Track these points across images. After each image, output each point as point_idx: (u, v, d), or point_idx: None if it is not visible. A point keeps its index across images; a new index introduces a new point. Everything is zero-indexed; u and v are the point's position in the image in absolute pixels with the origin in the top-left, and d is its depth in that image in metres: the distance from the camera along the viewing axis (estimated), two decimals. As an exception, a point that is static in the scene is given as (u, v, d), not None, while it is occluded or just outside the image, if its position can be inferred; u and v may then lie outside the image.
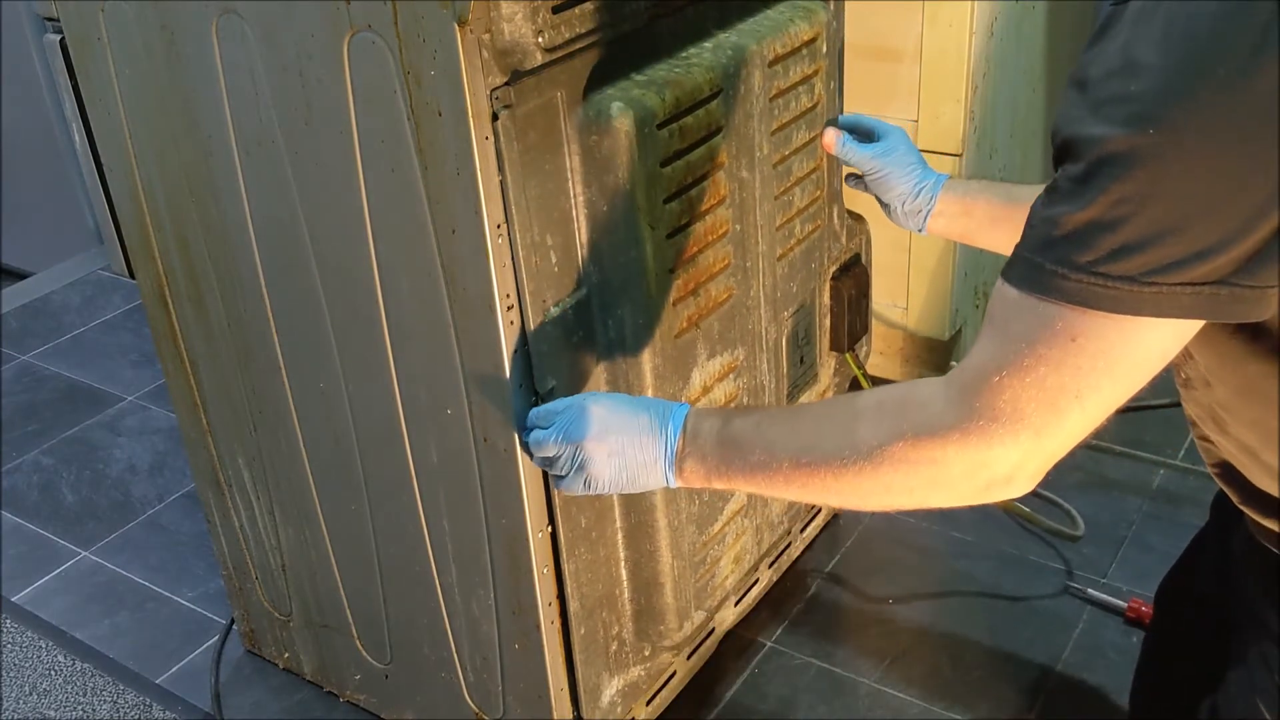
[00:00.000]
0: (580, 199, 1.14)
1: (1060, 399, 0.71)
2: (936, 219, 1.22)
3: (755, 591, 1.66)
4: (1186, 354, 0.81)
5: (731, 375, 1.35)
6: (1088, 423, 0.72)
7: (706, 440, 0.94)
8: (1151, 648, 1.19)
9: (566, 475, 1.01)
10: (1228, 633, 0.94)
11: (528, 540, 1.20)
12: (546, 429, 1.03)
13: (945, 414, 0.77)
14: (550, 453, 1.02)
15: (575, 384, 1.19)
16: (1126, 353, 0.68)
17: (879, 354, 2.05)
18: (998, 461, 0.76)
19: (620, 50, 1.13)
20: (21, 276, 2.90)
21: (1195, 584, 1.08)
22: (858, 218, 1.57)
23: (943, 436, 0.77)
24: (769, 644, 1.62)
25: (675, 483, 0.97)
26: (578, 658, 1.29)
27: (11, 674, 1.66)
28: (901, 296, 1.98)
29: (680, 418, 0.96)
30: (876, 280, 1.65)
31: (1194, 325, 0.68)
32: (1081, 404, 0.71)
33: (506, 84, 1.03)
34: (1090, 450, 1.93)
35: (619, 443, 0.97)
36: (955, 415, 0.76)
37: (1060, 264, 0.66)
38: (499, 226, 1.06)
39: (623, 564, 1.32)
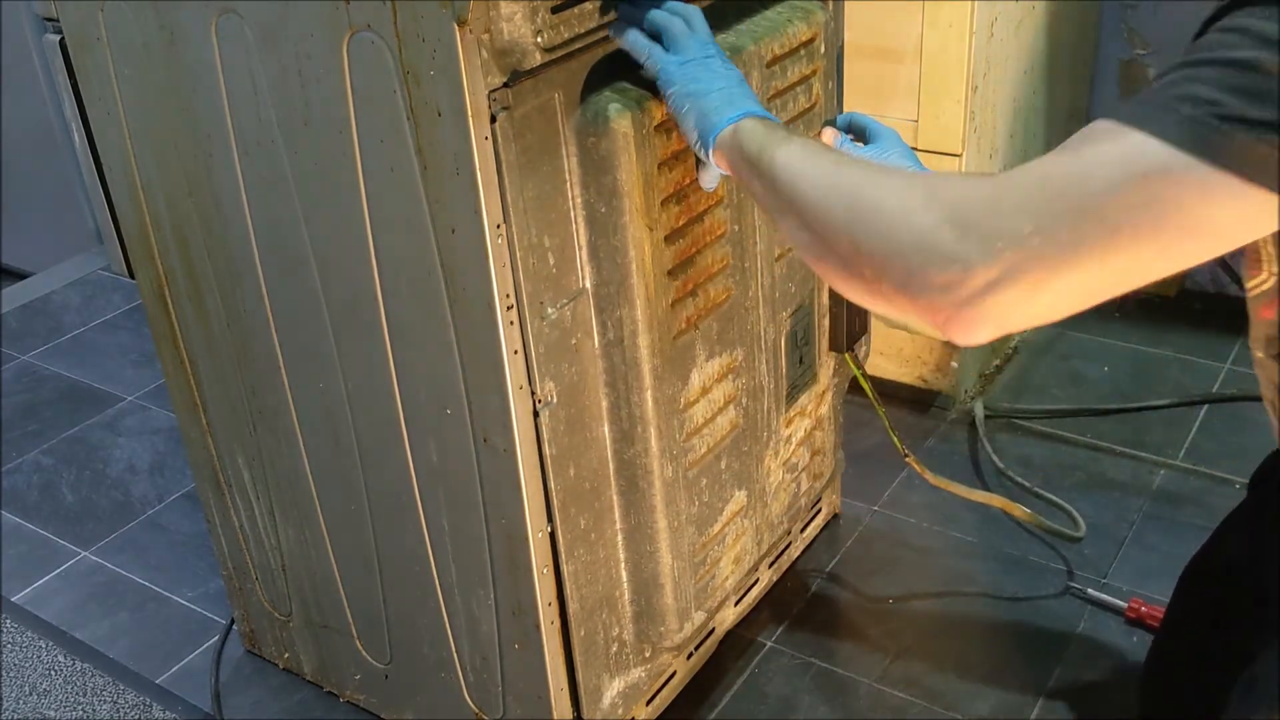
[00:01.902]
0: (578, 200, 1.14)
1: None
2: None
3: (755, 592, 1.66)
4: None
5: (730, 376, 1.36)
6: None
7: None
8: (1173, 626, 1.18)
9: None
10: (1261, 606, 0.94)
11: (528, 540, 1.20)
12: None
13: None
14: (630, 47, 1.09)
15: (574, 385, 1.19)
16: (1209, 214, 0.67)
17: (878, 354, 2.05)
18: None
19: (619, 51, 1.13)
20: (21, 276, 2.90)
21: (1225, 559, 1.08)
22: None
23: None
24: (769, 644, 1.62)
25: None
26: (578, 658, 1.29)
27: (11, 674, 1.66)
28: (901, 296, 1.98)
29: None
30: (876, 280, 1.65)
31: None
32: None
33: (505, 85, 1.03)
34: (1090, 450, 1.93)
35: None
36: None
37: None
38: (498, 226, 1.06)
39: (622, 565, 1.32)
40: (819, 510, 1.78)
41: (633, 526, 1.30)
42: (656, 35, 1.09)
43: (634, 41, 1.09)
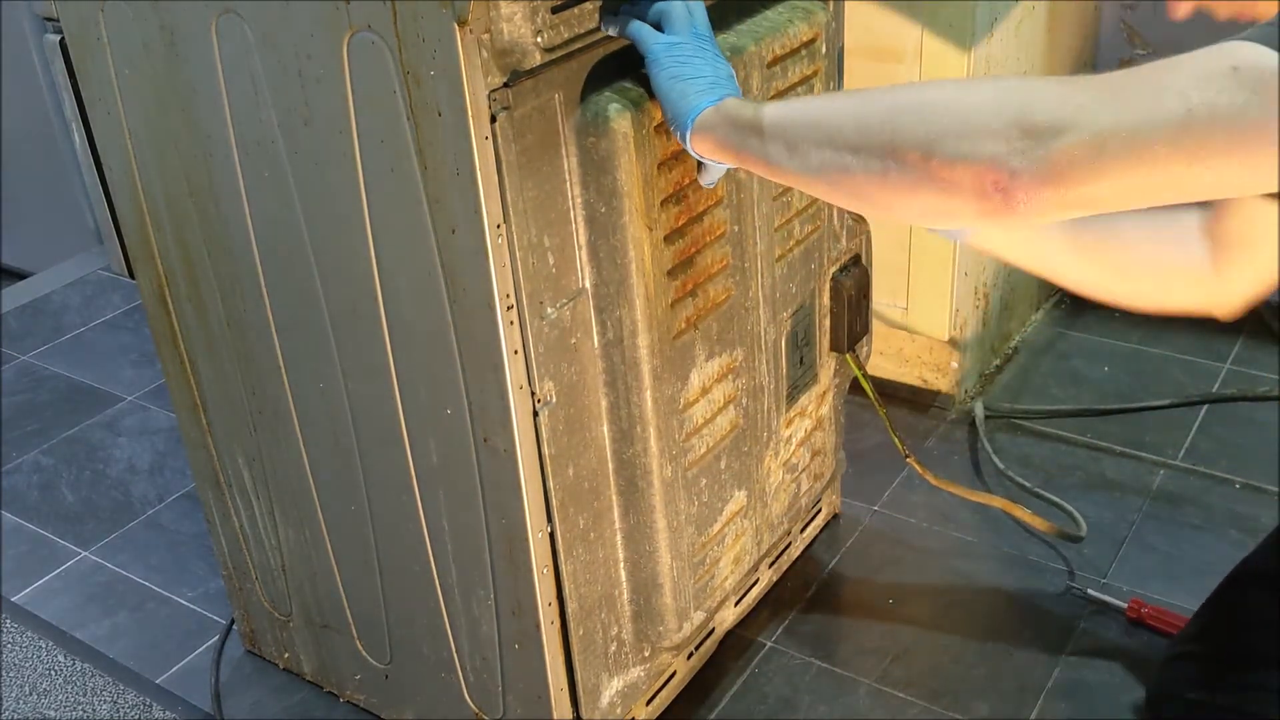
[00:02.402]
0: (578, 200, 1.14)
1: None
2: None
3: (755, 592, 1.66)
4: None
5: (730, 376, 1.36)
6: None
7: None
8: (1211, 631, 1.19)
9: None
10: None
11: (528, 540, 1.20)
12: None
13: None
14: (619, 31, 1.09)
15: (574, 385, 1.19)
16: None
17: (879, 354, 2.05)
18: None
19: (618, 52, 1.13)
20: (21, 276, 2.90)
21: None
22: (858, 218, 1.57)
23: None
24: (769, 644, 1.62)
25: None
26: (576, 658, 1.29)
27: (11, 674, 1.66)
28: (901, 296, 1.98)
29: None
30: (876, 280, 1.65)
31: None
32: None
33: (505, 85, 1.03)
34: (1090, 450, 1.93)
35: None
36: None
37: None
38: (498, 226, 1.06)
39: (621, 565, 1.32)
40: (819, 510, 1.78)
41: (632, 526, 1.30)
42: (658, 27, 1.09)
43: (629, 25, 1.09)
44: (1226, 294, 1.04)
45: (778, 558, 1.70)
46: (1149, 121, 0.72)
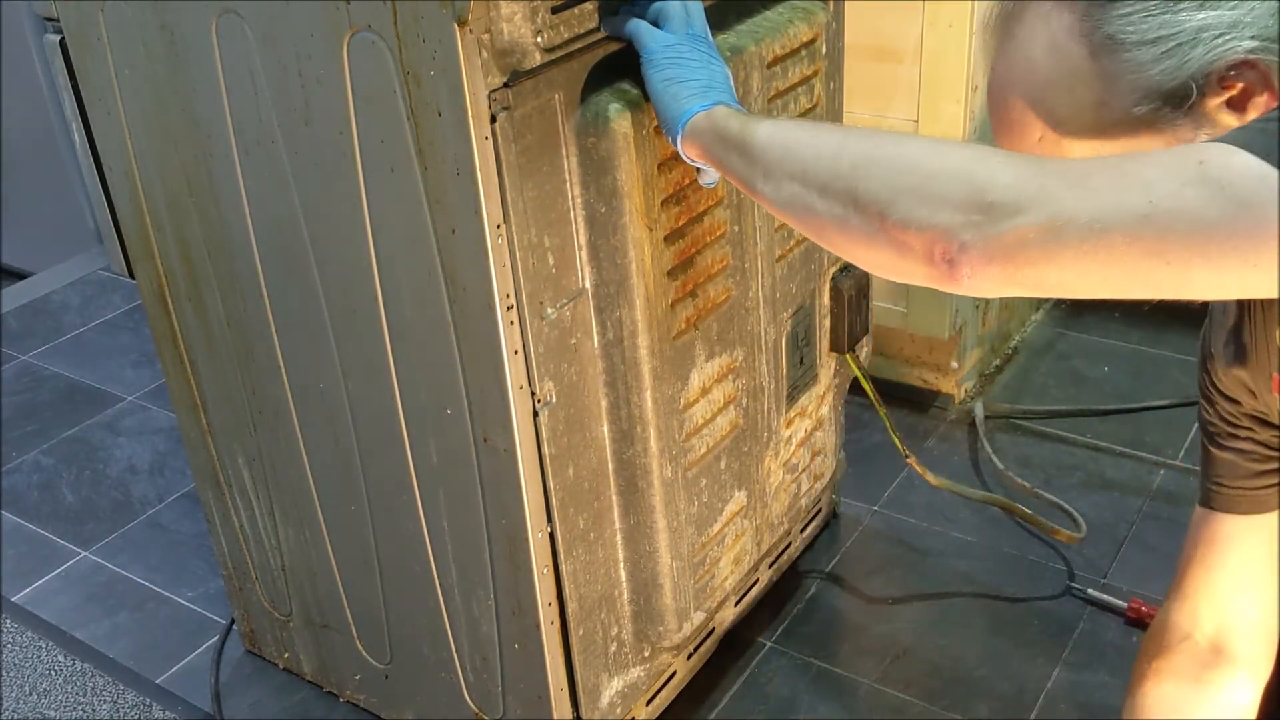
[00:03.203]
0: (578, 200, 1.14)
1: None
2: None
3: (755, 592, 1.66)
4: None
5: (730, 376, 1.36)
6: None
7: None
8: None
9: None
10: None
11: (528, 541, 1.20)
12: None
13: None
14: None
15: (574, 385, 1.19)
16: None
17: (879, 354, 2.05)
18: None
19: (618, 52, 1.13)
20: (21, 276, 2.90)
21: None
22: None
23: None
24: (769, 644, 1.62)
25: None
26: (576, 658, 1.29)
27: (11, 674, 1.66)
28: (901, 297, 1.98)
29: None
30: (876, 280, 1.65)
31: None
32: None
33: (505, 85, 1.03)
34: (1090, 450, 1.93)
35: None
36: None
37: None
38: (499, 227, 1.06)
39: (621, 565, 1.32)
40: (819, 510, 1.78)
41: (632, 526, 1.30)
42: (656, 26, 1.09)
43: (628, 25, 1.09)
44: None
45: (778, 558, 1.70)
46: (1110, 210, 0.69)
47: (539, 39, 1.02)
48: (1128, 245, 0.68)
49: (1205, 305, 0.97)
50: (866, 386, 1.62)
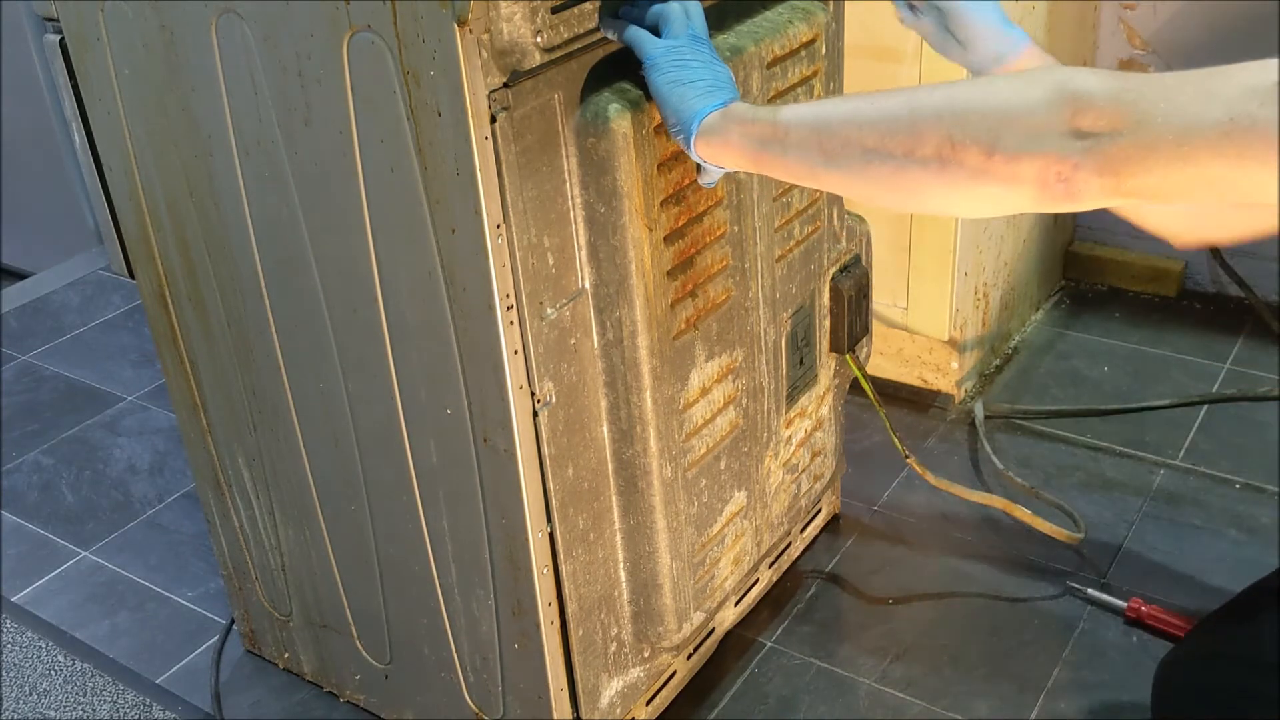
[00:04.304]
0: (578, 201, 1.14)
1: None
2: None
3: (755, 592, 1.66)
4: None
5: (730, 376, 1.36)
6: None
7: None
8: (1245, 641, 1.19)
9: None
10: None
11: (528, 541, 1.20)
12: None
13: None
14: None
15: (574, 386, 1.19)
16: None
17: (879, 354, 2.05)
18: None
19: (618, 52, 1.13)
20: (21, 276, 2.90)
21: None
22: (858, 218, 1.57)
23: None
24: (769, 644, 1.62)
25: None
26: (576, 658, 1.29)
27: (11, 674, 1.67)
28: (901, 296, 1.98)
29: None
30: (876, 281, 1.65)
31: None
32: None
33: (505, 85, 1.03)
34: (1090, 450, 1.93)
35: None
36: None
37: None
38: (498, 227, 1.06)
39: (621, 565, 1.32)
40: (819, 510, 1.78)
41: (631, 527, 1.30)
42: (655, 31, 1.09)
43: (626, 30, 1.09)
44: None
45: (778, 558, 1.70)
46: (1195, 126, 0.77)
47: (539, 39, 1.02)
48: (1212, 158, 0.77)
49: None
50: (866, 387, 1.62)
